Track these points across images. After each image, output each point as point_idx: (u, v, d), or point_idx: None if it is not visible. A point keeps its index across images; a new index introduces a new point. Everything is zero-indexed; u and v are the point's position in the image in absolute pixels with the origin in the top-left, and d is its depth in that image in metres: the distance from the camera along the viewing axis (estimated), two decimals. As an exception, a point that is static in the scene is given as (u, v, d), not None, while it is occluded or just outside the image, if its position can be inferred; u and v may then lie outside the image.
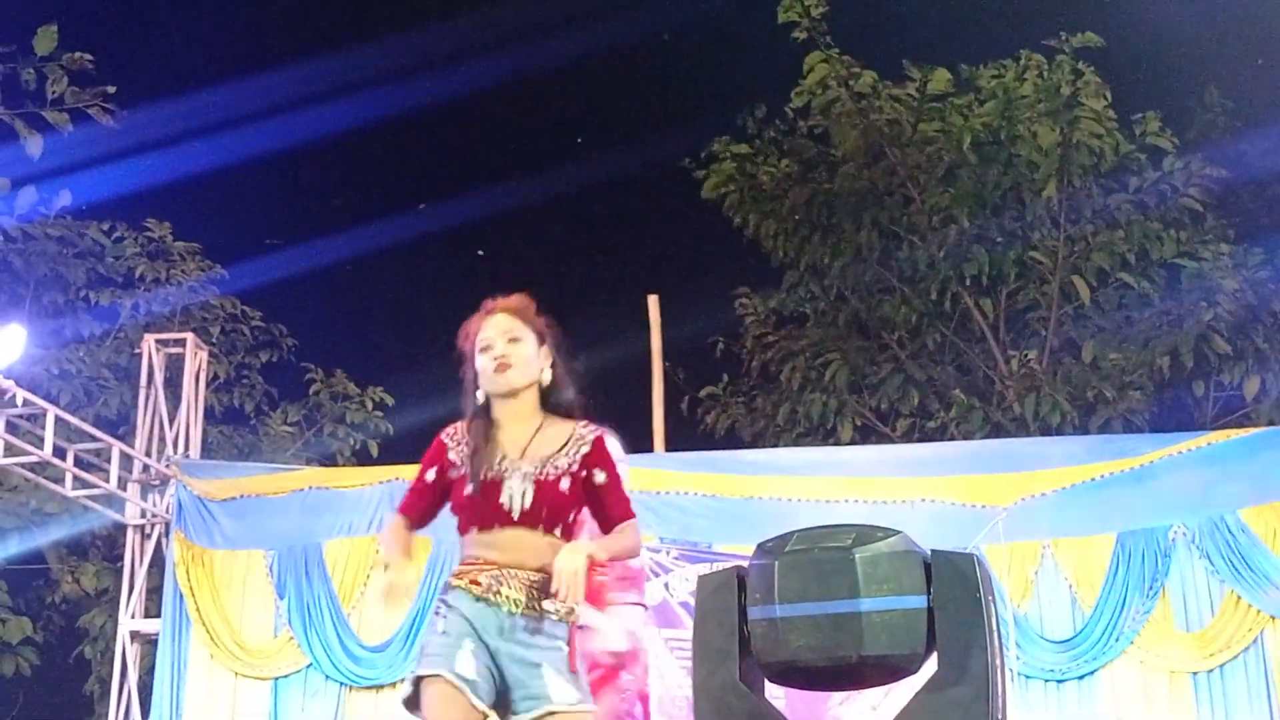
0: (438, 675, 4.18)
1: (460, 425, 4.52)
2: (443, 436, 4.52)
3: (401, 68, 18.36)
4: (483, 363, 4.45)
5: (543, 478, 4.36)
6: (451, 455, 4.46)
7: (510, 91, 20.53)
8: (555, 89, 20.68)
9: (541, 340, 4.52)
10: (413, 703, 4.27)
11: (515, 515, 4.31)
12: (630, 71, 20.35)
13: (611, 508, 4.45)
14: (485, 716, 4.22)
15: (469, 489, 4.35)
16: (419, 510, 4.52)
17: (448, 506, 4.47)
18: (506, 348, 4.44)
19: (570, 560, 4.17)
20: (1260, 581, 10.36)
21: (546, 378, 4.50)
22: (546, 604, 4.24)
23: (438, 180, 20.85)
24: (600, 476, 4.42)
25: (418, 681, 4.23)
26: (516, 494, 4.33)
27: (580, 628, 4.41)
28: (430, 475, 4.49)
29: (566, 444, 4.43)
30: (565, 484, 4.37)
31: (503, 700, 4.24)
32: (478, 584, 4.27)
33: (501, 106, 21.16)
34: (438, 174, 21.27)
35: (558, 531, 4.36)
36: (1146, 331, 14.88)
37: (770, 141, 17.00)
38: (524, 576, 4.28)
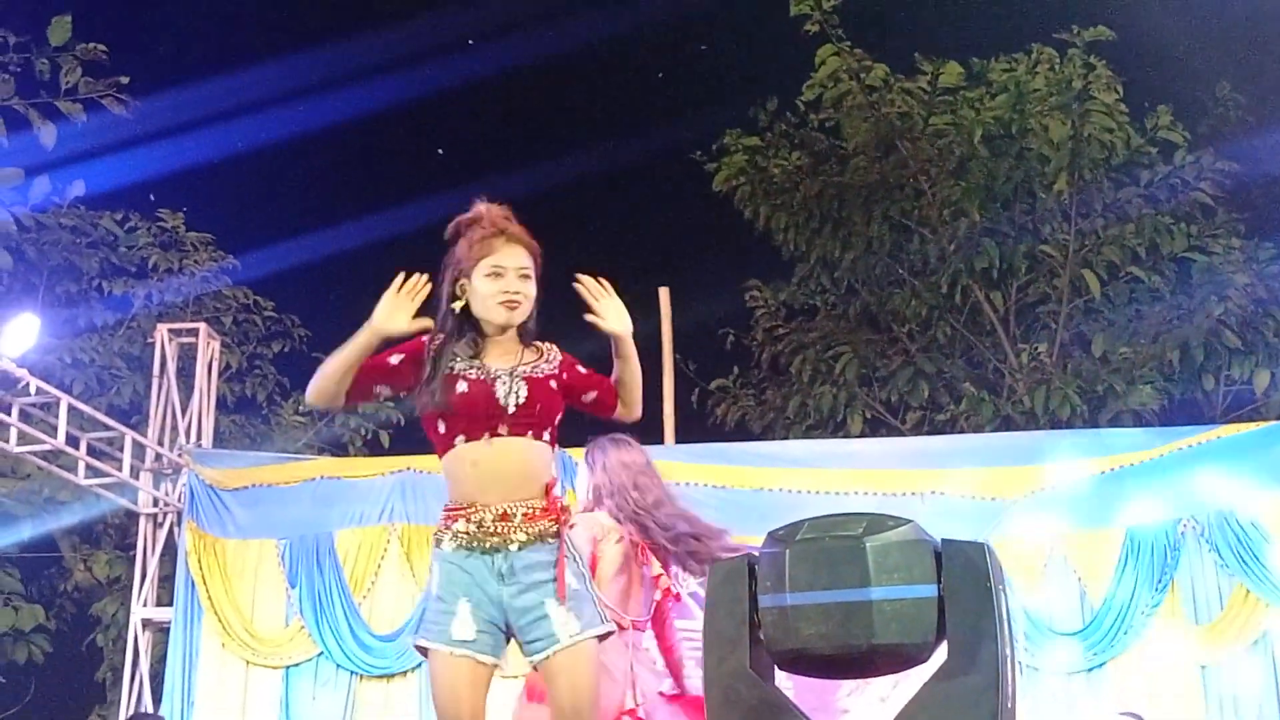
0: (434, 648, 4.24)
1: (439, 340, 4.47)
2: (423, 338, 4.47)
3: (414, 55, 18.38)
4: (488, 287, 4.40)
5: (533, 375, 4.38)
6: (428, 353, 4.43)
7: (521, 81, 20.57)
8: (566, 79, 20.71)
9: (537, 280, 4.51)
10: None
11: (511, 411, 4.29)
12: (642, 63, 20.38)
13: (599, 380, 4.52)
14: (496, 667, 4.31)
15: (459, 386, 4.32)
16: (365, 374, 4.45)
17: (438, 421, 4.37)
18: (519, 284, 4.42)
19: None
20: (1269, 574, 10.37)
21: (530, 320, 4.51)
22: (541, 531, 4.26)
23: (450, 168, 20.88)
24: (581, 368, 4.52)
25: (422, 649, 4.31)
26: (511, 390, 4.32)
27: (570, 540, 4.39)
28: (395, 358, 4.45)
29: (542, 356, 4.46)
30: (553, 384, 4.41)
31: (517, 640, 4.33)
32: (467, 534, 4.26)
33: (512, 96, 21.20)
34: (449, 162, 21.29)
35: (546, 436, 4.38)
36: (1157, 325, 14.88)
37: (781, 134, 17.01)
38: (513, 509, 4.27)
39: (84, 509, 13.60)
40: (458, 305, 4.42)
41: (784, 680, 4.76)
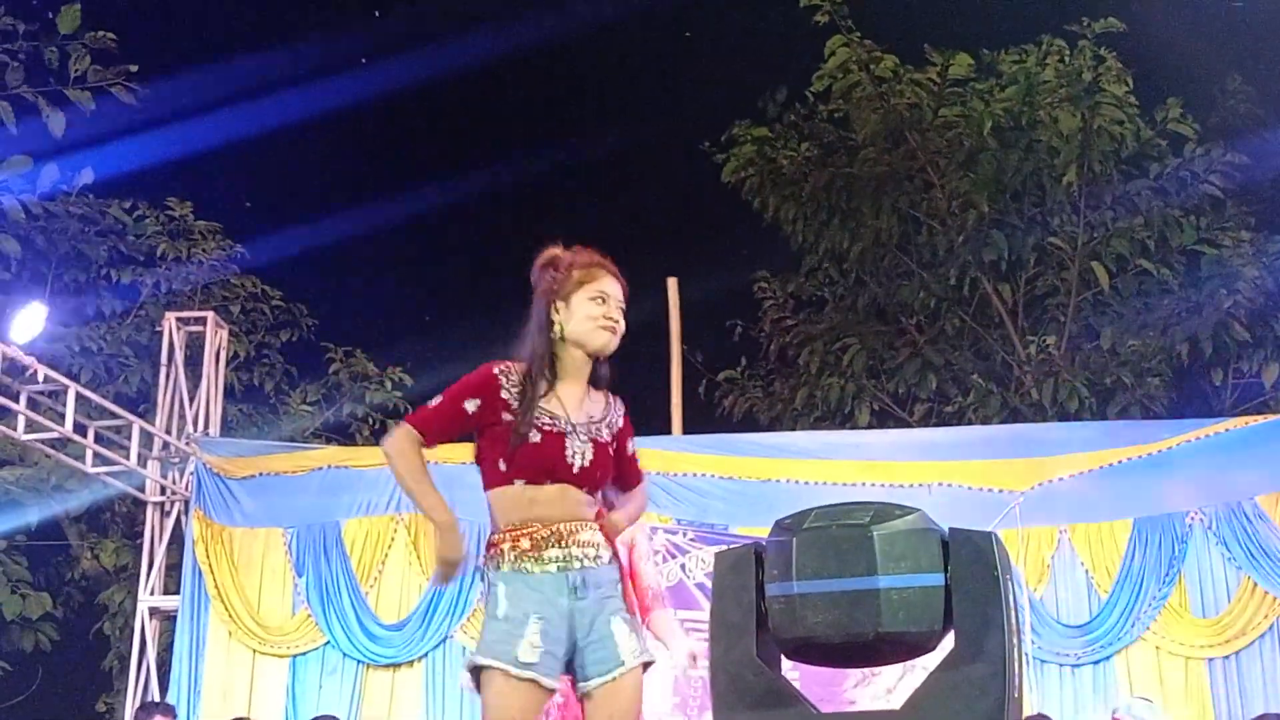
0: (496, 668, 4.11)
1: (513, 365, 4.36)
2: (494, 371, 4.34)
3: (423, 41, 18.38)
4: (592, 310, 4.32)
5: (598, 439, 4.33)
6: (504, 395, 4.31)
7: (531, 70, 20.57)
8: (576, 69, 20.71)
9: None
10: (474, 684, 4.21)
11: (575, 471, 4.24)
12: (652, 54, 20.35)
13: (634, 473, 4.50)
14: (553, 692, 4.21)
15: (531, 436, 4.24)
16: (441, 434, 4.37)
17: (498, 460, 4.30)
18: (618, 314, 4.36)
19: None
20: (1277, 567, 10.37)
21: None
22: (601, 549, 4.24)
23: (459, 157, 20.87)
24: (630, 446, 4.47)
25: (476, 669, 4.16)
26: (579, 451, 4.27)
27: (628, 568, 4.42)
28: (470, 405, 4.32)
29: (607, 413, 4.41)
30: (611, 450, 4.37)
31: (575, 662, 4.20)
32: (535, 553, 4.21)
33: (522, 84, 21.18)
34: (459, 151, 21.27)
35: (598, 495, 4.36)
36: (1165, 318, 14.85)
37: (790, 125, 17.00)
38: (577, 527, 4.24)
39: (91, 497, 13.63)
40: (557, 332, 4.33)
41: (790, 671, 4.76)
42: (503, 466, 4.29)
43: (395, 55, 18.29)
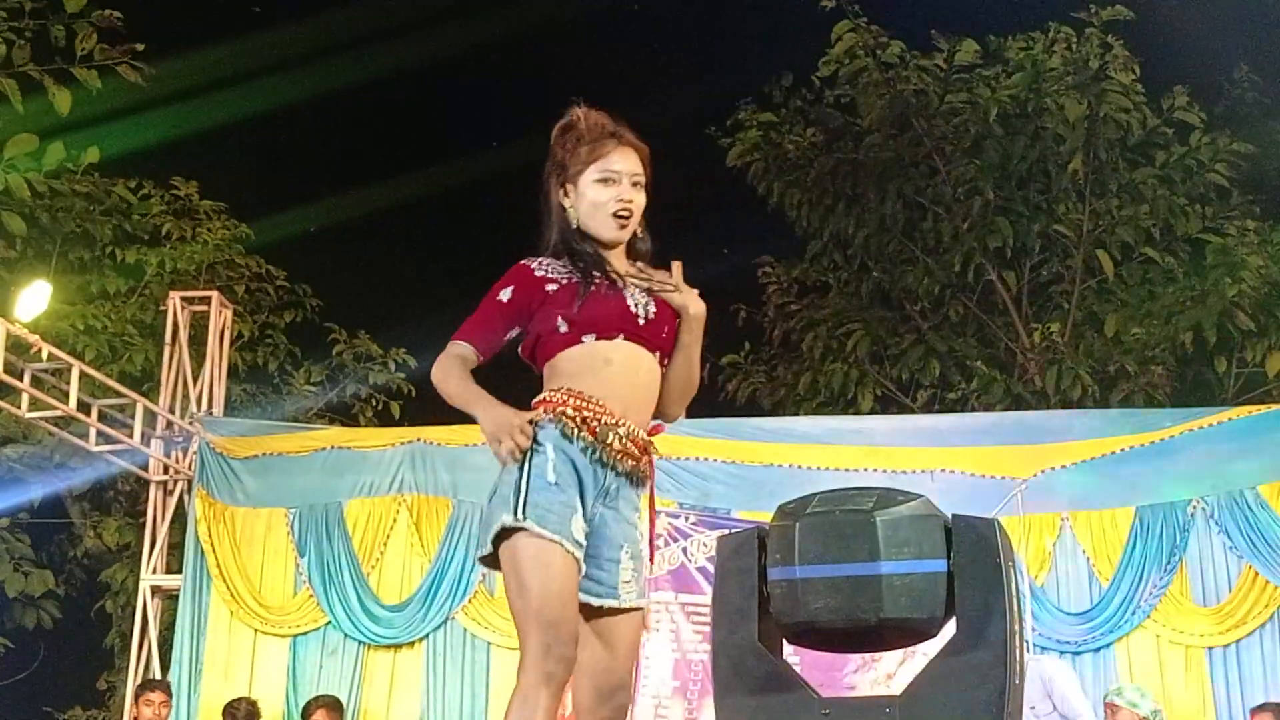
0: (556, 541, 3.66)
1: (544, 259, 4.00)
2: (533, 266, 3.99)
3: (427, 20, 18.35)
4: (599, 195, 3.98)
5: (659, 296, 4.03)
6: (540, 273, 3.94)
7: (538, 50, 20.55)
8: (583, 50, 20.67)
9: (647, 189, 4.12)
10: (491, 560, 3.77)
11: (641, 322, 3.92)
12: (657, 37, 20.34)
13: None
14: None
15: (584, 293, 3.87)
16: (485, 335, 3.93)
17: (557, 321, 3.89)
18: (631, 192, 4.02)
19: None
20: (1278, 557, 10.38)
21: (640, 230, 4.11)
22: (642, 466, 3.86)
23: (464, 138, 20.88)
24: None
25: (512, 533, 3.69)
26: (640, 303, 3.95)
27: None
28: (504, 294, 3.94)
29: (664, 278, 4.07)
30: (671, 313, 4.05)
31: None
32: (593, 438, 3.77)
33: (528, 65, 21.15)
34: (465, 131, 21.28)
35: (666, 360, 4.02)
36: (1170, 306, 14.83)
37: (796, 110, 16.98)
38: (634, 430, 3.84)
39: (94, 474, 13.64)
40: (571, 214, 3.98)
41: (791, 656, 4.77)
42: (563, 327, 3.89)
43: (402, 35, 18.28)
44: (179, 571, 12.06)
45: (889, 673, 9.88)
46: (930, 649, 4.54)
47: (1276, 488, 10.59)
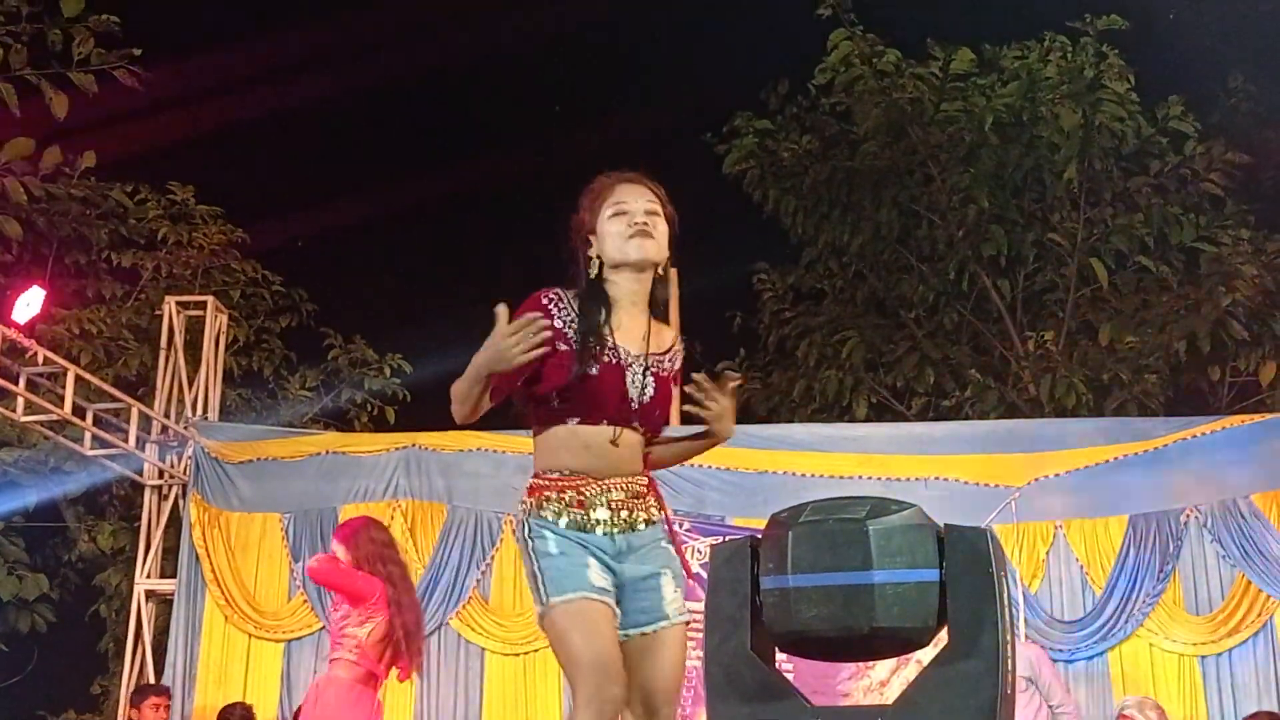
0: (574, 597, 3.79)
1: (563, 292, 4.05)
2: (543, 299, 4.03)
3: (425, 27, 18.39)
4: (616, 227, 4.05)
5: (660, 373, 4.08)
6: (557, 323, 3.97)
7: (534, 58, 20.57)
8: (579, 58, 20.70)
9: (670, 227, 4.20)
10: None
11: (635, 407, 3.99)
12: (655, 44, 20.37)
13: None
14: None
15: (587, 368, 3.94)
16: (503, 377, 3.93)
17: (552, 394, 3.97)
18: (647, 216, 4.08)
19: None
20: (1271, 566, 10.40)
21: (663, 269, 4.16)
22: (649, 510, 4.00)
23: (460, 145, 20.89)
24: (676, 391, 4.27)
25: (545, 616, 3.83)
26: (638, 385, 4.01)
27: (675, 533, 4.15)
28: None
29: (670, 349, 4.18)
30: (673, 386, 4.16)
31: (621, 609, 3.92)
32: (583, 511, 3.91)
33: (524, 74, 21.18)
34: (460, 139, 21.28)
35: (654, 434, 4.12)
36: (1164, 315, 14.87)
37: (792, 118, 17.03)
38: (623, 484, 3.98)
39: (89, 479, 13.64)
40: (594, 266, 4.06)
41: (784, 664, 4.78)
42: (556, 403, 3.98)
43: (399, 43, 18.31)
44: (173, 576, 12.06)
45: (882, 680, 9.89)
46: (924, 656, 4.55)
47: (1270, 497, 10.62)
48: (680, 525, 10.97)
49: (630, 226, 4.05)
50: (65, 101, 12.55)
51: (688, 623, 4.00)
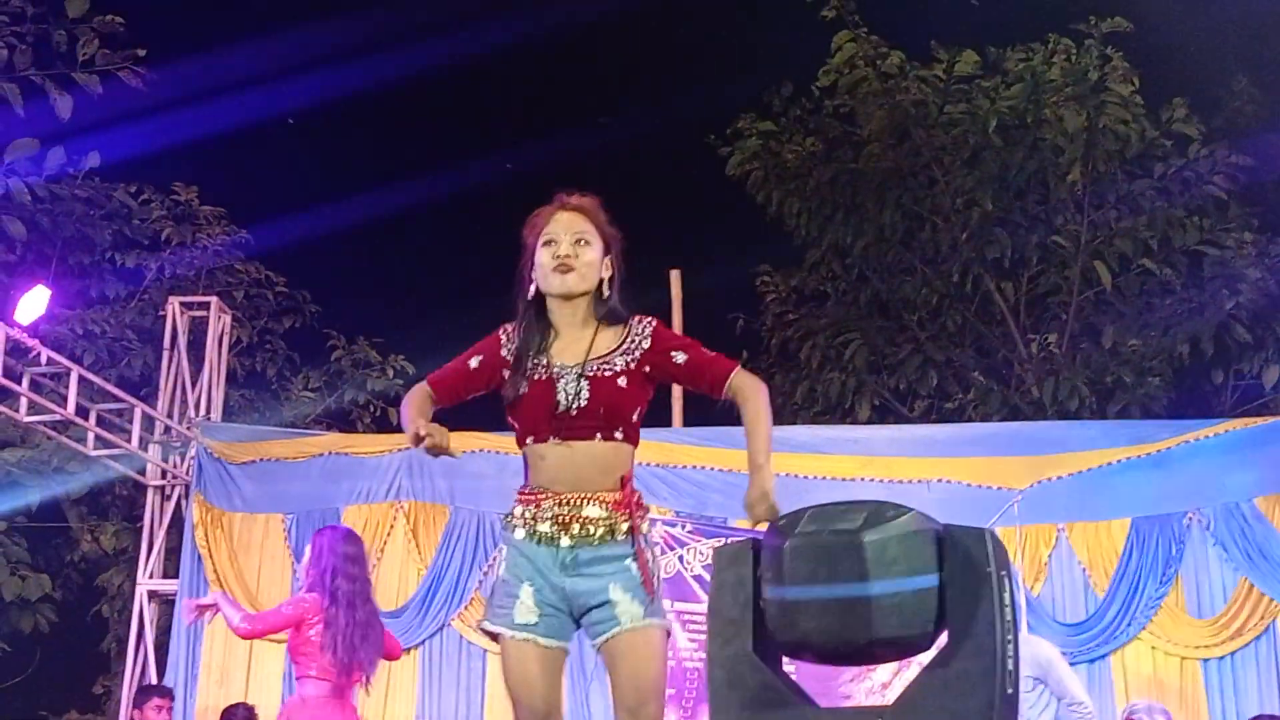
0: (499, 633, 4.16)
1: (519, 323, 4.34)
2: (499, 331, 4.36)
3: (429, 27, 18.38)
4: (543, 258, 4.26)
5: (596, 374, 4.19)
6: (504, 352, 4.30)
7: (537, 59, 20.56)
8: (582, 59, 20.70)
9: (607, 248, 4.36)
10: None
11: (570, 414, 4.14)
12: (658, 46, 20.34)
13: (712, 368, 4.41)
14: (564, 650, 4.18)
15: (521, 388, 4.21)
16: (448, 387, 4.37)
17: (512, 421, 4.28)
18: (572, 248, 4.25)
19: (763, 502, 4.14)
20: (1274, 569, 10.39)
21: (605, 287, 4.33)
22: (612, 525, 4.14)
23: (463, 146, 20.89)
24: (679, 356, 4.37)
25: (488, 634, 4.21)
26: (571, 393, 4.16)
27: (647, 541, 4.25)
28: (474, 361, 4.35)
29: (622, 343, 4.29)
30: (623, 381, 4.22)
31: (581, 623, 4.18)
32: (532, 523, 4.16)
33: (527, 74, 21.18)
34: (463, 139, 21.28)
35: (619, 434, 4.20)
36: (1167, 318, 14.88)
37: (796, 120, 17.01)
38: (581, 499, 4.15)
39: (92, 479, 13.65)
40: (532, 289, 4.30)
41: (787, 665, 4.75)
42: (513, 422, 4.28)
43: (402, 43, 18.30)
44: (176, 576, 12.07)
45: (884, 682, 9.89)
46: (926, 658, 4.53)
47: (1273, 500, 10.62)
48: (682, 526, 10.98)
49: (554, 260, 4.25)
50: (69, 102, 12.58)
51: (653, 627, 4.14)
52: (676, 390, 12.09)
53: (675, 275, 12.30)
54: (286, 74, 16.44)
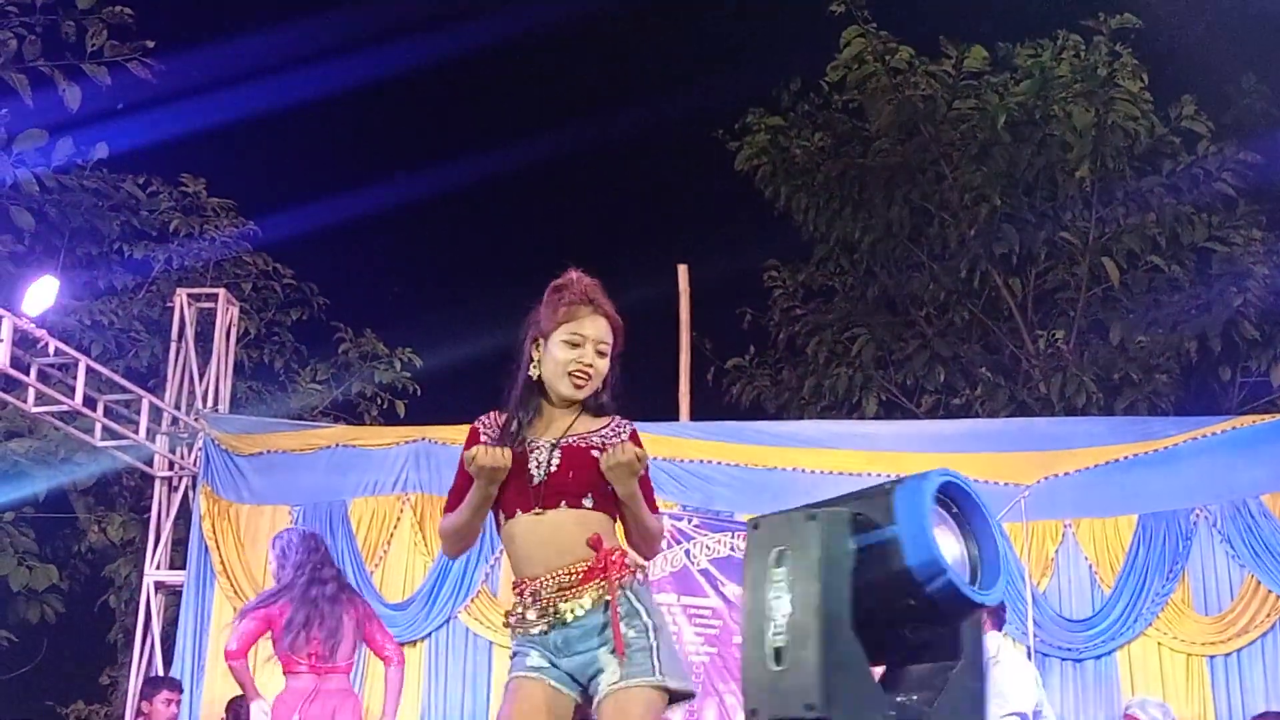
0: (513, 677, 4.18)
1: (496, 414, 4.36)
2: (476, 425, 4.37)
3: (437, 19, 18.39)
4: (564, 355, 4.25)
5: (570, 445, 4.21)
6: (484, 439, 4.29)
7: (546, 53, 20.57)
8: (591, 53, 20.70)
9: (616, 341, 4.37)
10: None
11: (536, 483, 4.15)
12: (667, 41, 20.35)
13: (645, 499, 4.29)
14: (572, 700, 4.19)
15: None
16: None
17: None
18: (595, 359, 4.27)
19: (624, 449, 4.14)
20: (1280, 567, 10.40)
21: (602, 386, 4.35)
22: (582, 600, 4.15)
23: (471, 138, 20.90)
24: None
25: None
26: (542, 461, 4.18)
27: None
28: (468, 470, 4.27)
29: (601, 429, 4.29)
30: (596, 454, 4.20)
31: (587, 696, 4.19)
32: (522, 618, 4.20)
33: (537, 68, 21.20)
34: (471, 132, 21.30)
35: (588, 501, 4.18)
36: (1175, 315, 14.87)
37: (804, 115, 17.01)
38: (553, 577, 4.16)
39: (99, 470, 13.67)
40: (534, 371, 4.30)
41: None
42: (494, 510, 4.30)
43: (411, 33, 18.30)
44: (183, 567, 12.08)
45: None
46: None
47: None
48: (689, 521, 10.99)
49: (576, 364, 4.26)
50: (78, 93, 12.59)
51: (655, 689, 4.09)
52: (684, 384, 12.09)
53: (683, 270, 12.29)
54: (295, 66, 16.45)
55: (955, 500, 4.28)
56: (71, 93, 12.57)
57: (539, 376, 4.30)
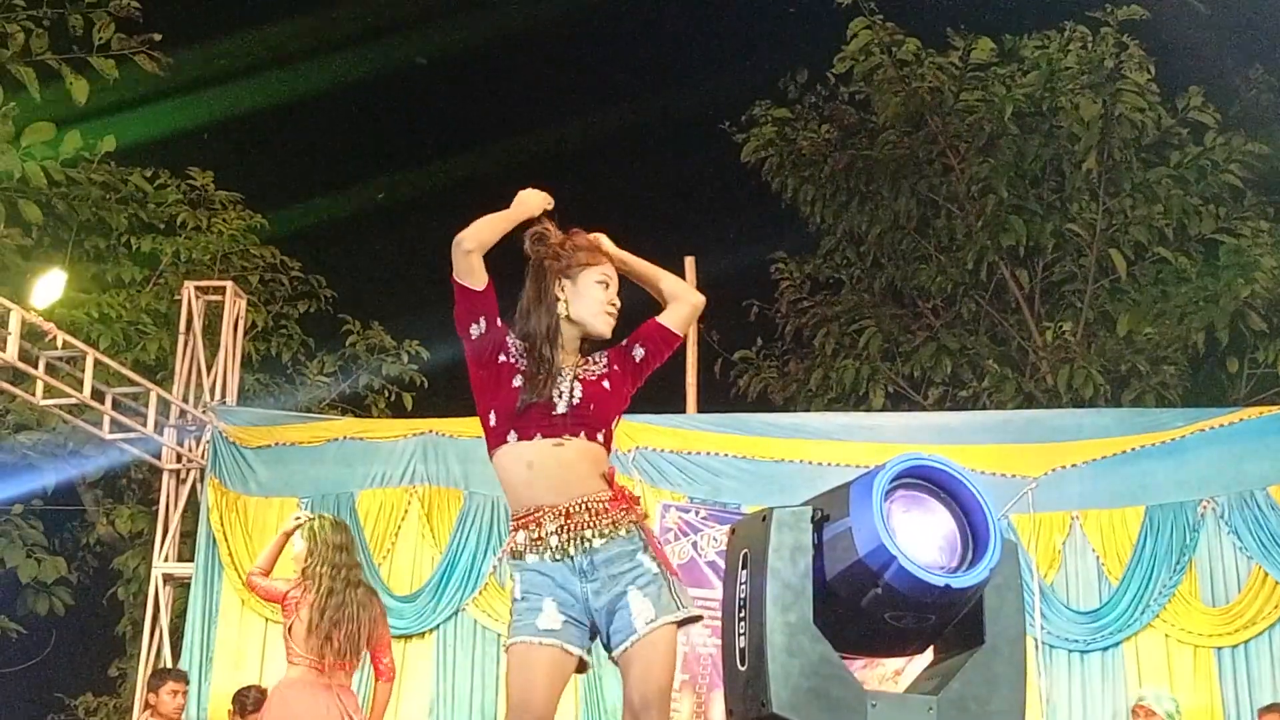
0: (519, 643, 4.21)
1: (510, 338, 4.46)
2: (505, 337, 4.45)
3: (444, 11, 18.38)
4: (597, 294, 4.45)
5: (585, 376, 4.38)
6: (510, 341, 4.42)
7: (553, 43, 20.56)
8: (599, 45, 20.70)
9: None
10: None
11: (563, 409, 4.28)
12: (673, 32, 20.35)
13: (649, 322, 4.54)
14: (583, 661, 4.27)
15: (530, 398, 4.30)
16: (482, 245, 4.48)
17: (489, 413, 4.38)
18: (618, 298, 4.51)
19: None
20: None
21: None
22: (615, 521, 4.26)
23: (479, 130, 20.90)
24: (638, 351, 4.50)
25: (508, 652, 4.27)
26: (564, 391, 4.32)
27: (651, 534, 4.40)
28: (496, 317, 4.43)
29: (595, 361, 4.46)
30: (607, 384, 4.39)
31: (602, 633, 4.28)
32: (540, 543, 4.25)
33: (543, 58, 21.18)
34: (479, 124, 21.30)
35: (600, 437, 4.35)
36: (1182, 306, 14.83)
37: (811, 107, 17.00)
38: (573, 505, 4.24)
39: (107, 462, 13.69)
40: (564, 310, 4.43)
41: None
42: (492, 419, 4.38)
43: (418, 25, 18.30)
44: (191, 560, 12.10)
45: (896, 669, 9.89)
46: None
47: (1288, 489, 10.61)
48: (696, 513, 11.00)
49: (611, 305, 4.48)
50: (85, 86, 12.61)
51: (675, 623, 4.24)
52: (691, 376, 12.11)
53: (690, 262, 12.28)
54: (302, 58, 16.47)
55: (931, 479, 4.34)
56: (79, 86, 12.59)
57: (567, 315, 4.44)
